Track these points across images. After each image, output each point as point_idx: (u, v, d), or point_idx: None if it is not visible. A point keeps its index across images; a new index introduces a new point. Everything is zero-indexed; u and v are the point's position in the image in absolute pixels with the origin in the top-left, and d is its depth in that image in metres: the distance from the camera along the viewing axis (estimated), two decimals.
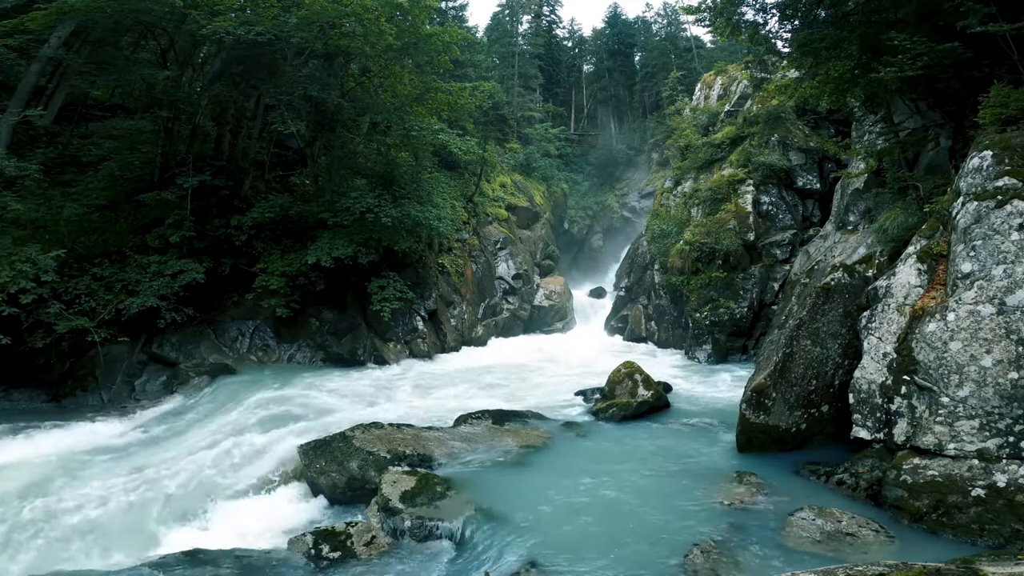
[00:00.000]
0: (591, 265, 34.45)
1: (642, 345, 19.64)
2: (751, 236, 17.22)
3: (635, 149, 40.36)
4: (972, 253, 6.11)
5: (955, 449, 5.74)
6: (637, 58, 48.75)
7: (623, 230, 34.72)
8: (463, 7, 40.07)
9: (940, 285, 6.54)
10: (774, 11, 11.35)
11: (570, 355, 17.78)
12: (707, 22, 12.23)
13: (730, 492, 6.37)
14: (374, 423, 8.42)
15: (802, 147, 18.41)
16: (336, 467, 7.24)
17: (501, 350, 19.06)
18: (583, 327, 24.21)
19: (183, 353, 13.19)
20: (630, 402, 10.05)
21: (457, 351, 18.02)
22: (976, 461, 5.57)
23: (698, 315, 16.68)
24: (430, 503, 6.23)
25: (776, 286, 16.74)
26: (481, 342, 19.78)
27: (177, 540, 6.45)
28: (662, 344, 19.02)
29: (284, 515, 6.97)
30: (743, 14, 11.61)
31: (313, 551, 5.68)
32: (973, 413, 5.70)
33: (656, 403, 10.23)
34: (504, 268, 23.37)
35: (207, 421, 10.14)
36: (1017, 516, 5.11)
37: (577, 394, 11.62)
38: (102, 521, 6.66)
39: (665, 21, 48.08)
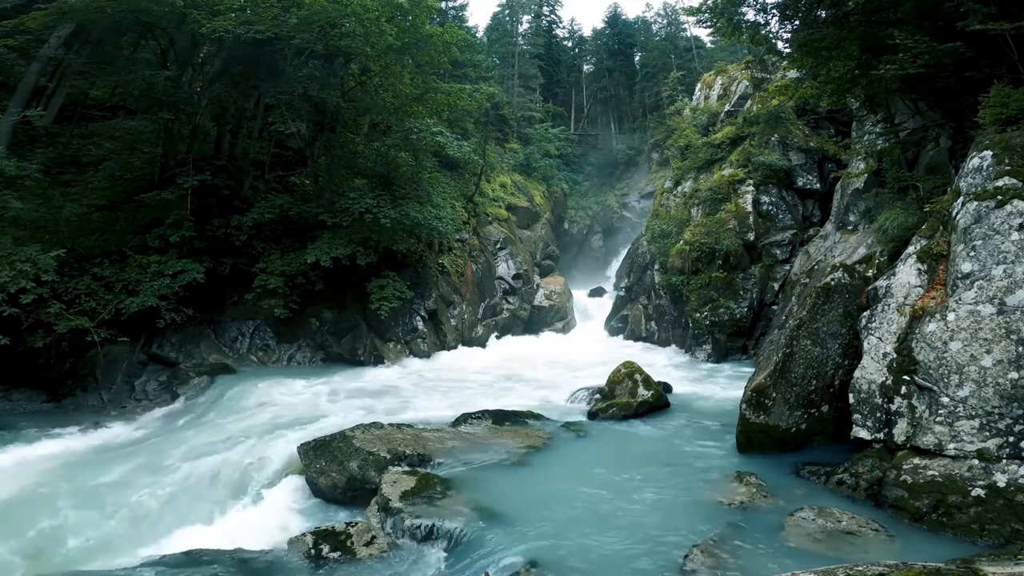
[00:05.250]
0: (591, 265, 34.45)
1: (642, 345, 19.63)
2: (751, 236, 17.21)
3: (635, 149, 40.38)
4: (972, 253, 6.10)
5: (955, 449, 5.74)
6: (637, 58, 48.81)
7: (623, 230, 34.73)
8: (463, 7, 40.13)
9: (940, 285, 6.54)
10: (774, 11, 11.36)
11: (570, 355, 17.78)
12: (708, 23, 12.24)
13: (730, 492, 6.37)
14: (374, 423, 8.43)
15: (802, 147, 18.40)
16: (336, 467, 7.24)
17: (501, 350, 19.06)
18: (583, 327, 24.19)
19: (183, 353, 13.19)
20: (630, 402, 10.05)
21: (457, 351, 18.01)
22: (976, 461, 5.57)
23: (698, 315, 16.67)
24: (430, 503, 6.23)
25: (776, 286, 16.73)
26: (481, 342, 19.77)
27: (177, 540, 6.45)
28: (662, 344, 19.01)
29: (284, 515, 6.96)
30: (744, 14, 11.62)
31: (313, 551, 5.68)
32: (973, 413, 5.69)
33: (656, 403, 10.23)
34: (504, 268, 23.36)
35: (207, 421, 10.14)
36: (1017, 516, 5.11)
37: (577, 394, 11.61)
38: (102, 521, 6.66)
39: (665, 21, 48.22)
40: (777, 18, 11.47)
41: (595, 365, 14.79)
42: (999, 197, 6.07)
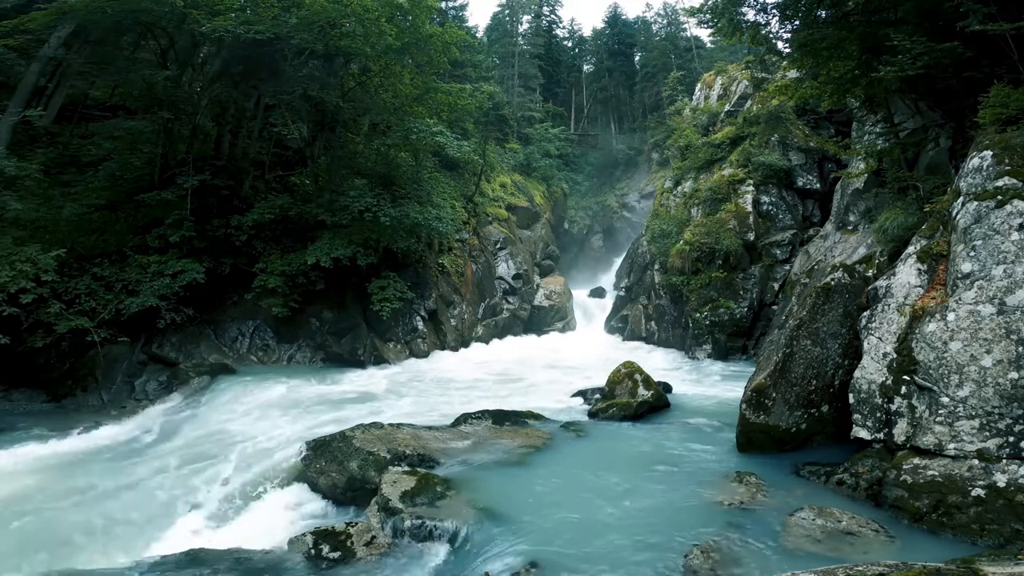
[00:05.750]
0: (591, 265, 34.45)
1: (642, 345, 19.63)
2: (751, 236, 17.22)
3: (635, 149, 40.37)
4: (972, 253, 6.10)
5: (955, 449, 5.74)
6: (637, 58, 48.82)
7: (623, 230, 34.73)
8: (463, 7, 40.14)
9: (940, 285, 6.54)
10: (775, 11, 11.36)
11: (570, 355, 17.77)
12: (708, 23, 12.25)
13: (730, 492, 6.37)
14: (374, 423, 8.42)
15: (802, 147, 18.41)
16: (336, 467, 7.24)
17: (501, 350, 19.06)
18: (583, 327, 24.20)
19: (183, 353, 13.19)
20: (630, 402, 10.05)
21: (457, 351, 18.02)
22: (976, 461, 5.57)
23: (698, 315, 16.68)
24: (430, 503, 6.23)
25: (776, 286, 16.74)
26: (481, 342, 19.78)
27: (177, 540, 6.45)
28: (662, 344, 19.01)
29: (284, 515, 6.96)
30: (744, 15, 11.62)
31: (313, 551, 5.68)
32: (973, 413, 5.69)
33: (656, 403, 10.23)
34: (504, 268, 23.37)
35: (207, 421, 10.15)
36: (1017, 516, 5.11)
37: (577, 394, 11.62)
38: (102, 522, 6.66)
39: (665, 21, 48.19)
40: (777, 18, 11.48)
41: (595, 365, 14.80)
42: (999, 197, 6.07)
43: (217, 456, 8.17)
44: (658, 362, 16.03)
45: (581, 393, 11.56)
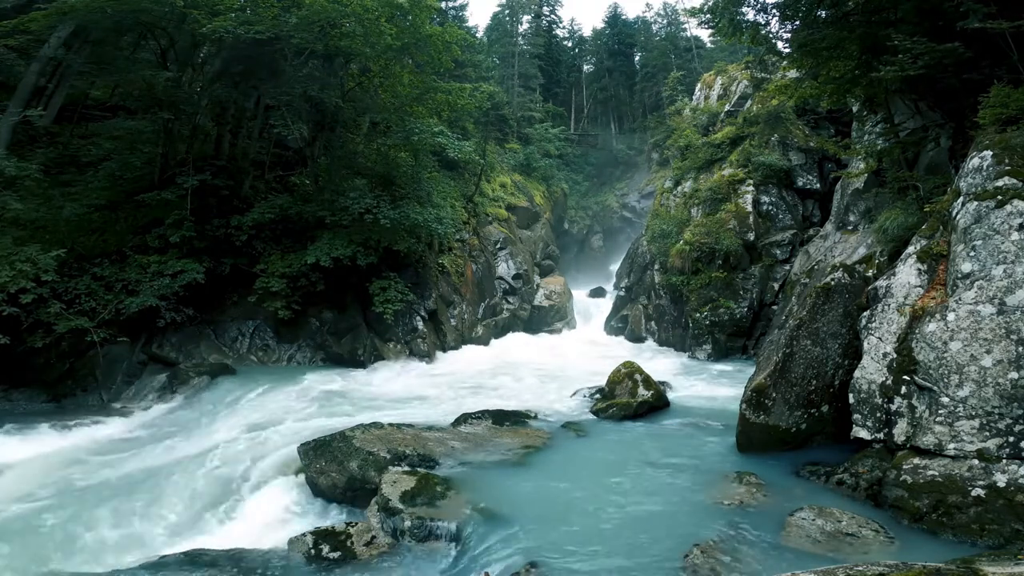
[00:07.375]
0: (591, 265, 34.47)
1: (642, 345, 19.64)
2: (751, 236, 17.22)
3: (635, 149, 40.40)
4: (972, 253, 6.11)
5: (955, 449, 5.74)
6: (637, 58, 48.86)
7: (623, 230, 34.77)
8: (463, 7, 40.11)
9: (940, 285, 6.54)
10: (775, 11, 11.36)
11: (570, 355, 17.78)
12: (709, 23, 12.26)
13: (730, 492, 6.37)
14: (374, 423, 8.43)
15: (802, 147, 18.40)
16: (336, 467, 7.24)
17: (501, 350, 19.06)
18: (583, 327, 24.20)
19: (183, 353, 13.19)
20: (630, 402, 10.05)
21: (457, 351, 18.02)
22: (976, 461, 5.57)
23: (698, 315, 16.68)
24: (430, 503, 6.23)
25: (776, 286, 16.74)
26: (481, 342, 19.77)
27: (177, 540, 6.45)
28: (662, 344, 19.01)
29: (284, 515, 6.97)
30: (744, 15, 11.62)
31: (313, 551, 5.68)
32: (973, 413, 5.70)
33: (656, 403, 10.23)
34: (504, 268, 23.36)
35: (207, 421, 10.15)
36: (1017, 516, 5.11)
37: (577, 394, 11.62)
38: (101, 521, 6.66)
39: (665, 21, 48.26)
40: (777, 18, 11.48)
41: (595, 365, 14.79)
42: (999, 197, 6.07)
43: (217, 456, 8.16)
44: (658, 362, 16.03)
45: (581, 393, 11.55)
